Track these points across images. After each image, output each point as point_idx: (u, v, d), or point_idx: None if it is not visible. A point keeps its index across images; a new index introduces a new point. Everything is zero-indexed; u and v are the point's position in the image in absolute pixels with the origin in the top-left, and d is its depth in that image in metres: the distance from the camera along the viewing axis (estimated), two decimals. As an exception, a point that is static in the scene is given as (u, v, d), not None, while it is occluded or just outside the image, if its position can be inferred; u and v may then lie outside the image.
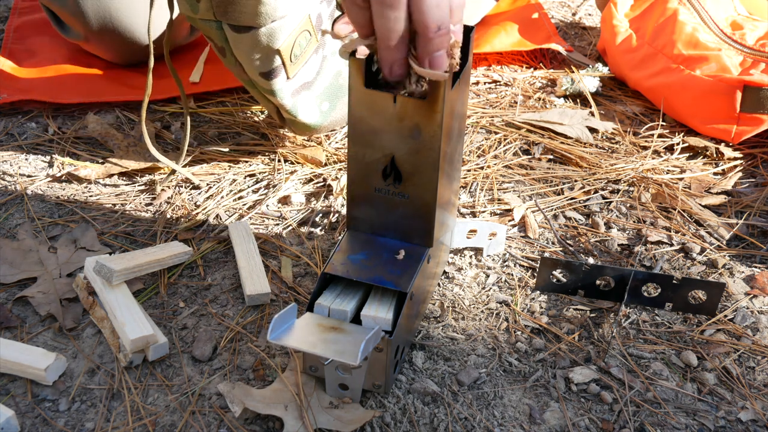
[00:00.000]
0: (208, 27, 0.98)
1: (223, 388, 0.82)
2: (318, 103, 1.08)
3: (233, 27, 0.96)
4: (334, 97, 1.09)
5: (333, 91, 1.09)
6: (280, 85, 1.02)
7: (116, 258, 0.92)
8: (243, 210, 1.08)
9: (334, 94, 1.09)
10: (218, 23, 0.97)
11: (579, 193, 1.13)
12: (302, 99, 1.06)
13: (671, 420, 0.83)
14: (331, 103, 1.09)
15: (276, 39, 0.97)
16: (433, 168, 0.80)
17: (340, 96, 1.10)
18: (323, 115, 1.09)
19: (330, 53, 1.07)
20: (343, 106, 1.11)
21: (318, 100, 1.08)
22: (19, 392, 0.83)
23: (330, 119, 1.11)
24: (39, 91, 1.26)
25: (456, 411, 0.82)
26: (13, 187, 1.11)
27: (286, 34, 0.98)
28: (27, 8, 1.48)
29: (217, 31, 0.98)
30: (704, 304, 0.94)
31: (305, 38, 1.00)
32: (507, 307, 0.95)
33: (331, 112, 1.10)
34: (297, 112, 1.06)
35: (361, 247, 0.85)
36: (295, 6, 0.97)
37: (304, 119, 1.07)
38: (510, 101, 1.33)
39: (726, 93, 1.20)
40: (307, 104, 1.06)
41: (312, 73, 1.05)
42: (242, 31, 0.96)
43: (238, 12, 0.94)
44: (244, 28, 0.96)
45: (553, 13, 1.62)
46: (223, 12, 0.95)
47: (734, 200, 1.13)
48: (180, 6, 0.98)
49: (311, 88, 1.06)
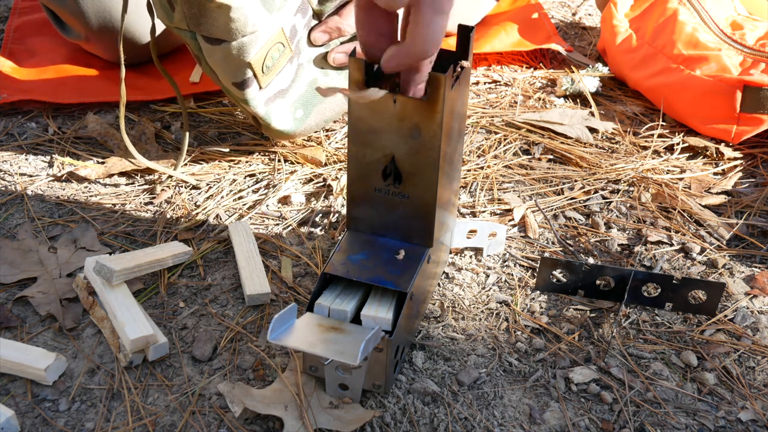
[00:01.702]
0: (183, 35, 0.99)
1: (223, 388, 0.82)
2: (292, 110, 1.09)
3: (206, 38, 0.97)
4: (309, 105, 1.10)
5: (308, 99, 1.10)
6: (253, 95, 1.03)
7: (116, 258, 0.92)
8: (243, 210, 1.08)
9: (309, 102, 1.10)
10: (192, 33, 0.98)
11: (579, 193, 1.13)
12: (276, 107, 1.07)
13: (671, 420, 0.83)
14: (305, 110, 1.10)
15: (247, 53, 0.98)
16: (433, 168, 0.80)
17: (315, 103, 1.11)
18: (297, 122, 1.10)
19: (306, 61, 1.08)
20: (318, 113, 1.12)
21: (292, 108, 1.09)
22: (19, 392, 0.83)
23: (304, 126, 1.11)
24: (39, 91, 1.26)
25: (456, 411, 0.82)
26: (13, 187, 1.11)
27: (257, 48, 0.98)
28: (27, 8, 1.48)
29: (191, 40, 0.99)
30: (704, 304, 0.94)
31: (278, 50, 1.02)
32: (507, 307, 0.95)
33: (306, 119, 1.11)
34: (270, 119, 1.07)
35: (361, 247, 0.85)
36: (266, 21, 0.98)
37: (277, 126, 1.08)
38: (510, 101, 1.33)
39: (726, 93, 1.20)
40: (281, 111, 1.08)
41: (287, 81, 1.06)
42: (214, 43, 0.97)
43: (209, 25, 0.95)
44: (216, 40, 0.97)
45: (553, 13, 1.62)
46: (196, 23, 0.96)
47: (734, 200, 1.13)
48: (157, 12, 0.99)
49: (285, 95, 1.07)
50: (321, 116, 1.13)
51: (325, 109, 1.12)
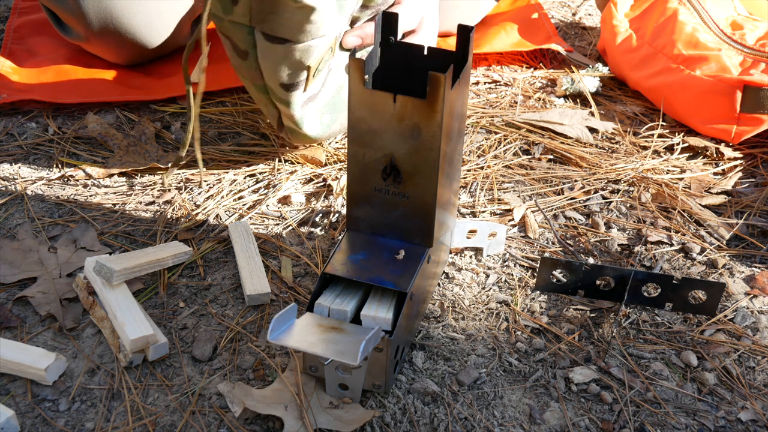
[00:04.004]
0: (235, 29, 0.95)
1: (223, 388, 0.82)
2: (320, 115, 1.06)
3: (267, 36, 0.93)
4: (335, 110, 1.08)
5: (334, 104, 1.08)
6: (297, 98, 1.01)
7: (116, 258, 0.92)
8: (243, 210, 1.08)
9: (336, 107, 1.08)
10: (250, 29, 0.94)
11: (579, 193, 1.13)
12: (308, 110, 1.04)
13: (671, 420, 0.83)
14: (332, 116, 1.08)
15: (310, 56, 0.95)
16: (433, 168, 0.80)
17: (341, 109, 1.09)
18: (324, 127, 1.08)
19: (335, 66, 1.05)
20: (342, 120, 1.10)
21: (320, 113, 1.06)
22: (19, 392, 0.83)
23: (330, 131, 1.10)
24: (39, 91, 1.26)
25: (456, 411, 0.82)
26: (13, 187, 1.11)
27: (320, 53, 0.96)
28: (27, 8, 1.48)
29: (246, 35, 0.95)
30: (704, 304, 0.94)
31: (328, 55, 0.99)
32: (507, 307, 0.95)
33: (332, 125, 1.09)
34: (303, 123, 1.04)
35: (361, 247, 0.85)
36: (333, 25, 0.95)
37: (307, 131, 1.06)
38: (510, 101, 1.33)
39: (726, 93, 1.20)
40: (312, 116, 1.05)
41: (318, 86, 1.04)
42: (276, 42, 0.93)
43: (278, 24, 0.91)
44: (280, 39, 0.93)
45: (553, 13, 1.62)
46: (261, 20, 0.92)
47: (734, 200, 1.13)
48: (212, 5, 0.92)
49: (315, 99, 1.05)
50: (345, 123, 1.10)
51: None
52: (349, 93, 0.79)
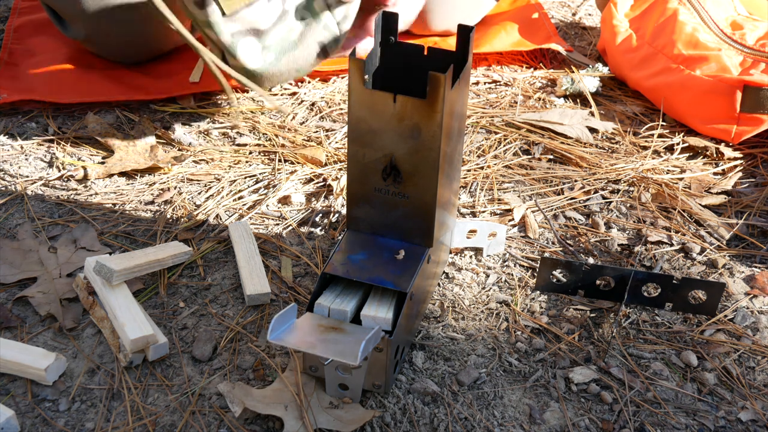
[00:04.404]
0: None
1: (223, 388, 0.82)
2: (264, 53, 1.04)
3: None
4: (281, 52, 1.05)
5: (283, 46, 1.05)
6: (216, 18, 0.98)
7: (116, 258, 0.92)
8: (243, 210, 1.08)
9: (282, 50, 1.05)
10: None
11: (579, 193, 1.13)
12: (245, 42, 1.02)
13: (671, 420, 0.83)
14: (277, 56, 1.05)
15: None
16: (433, 168, 0.80)
17: (287, 51, 1.05)
18: (266, 64, 1.05)
19: (291, 8, 1.02)
20: (288, 61, 1.06)
21: (264, 51, 1.04)
22: (19, 392, 0.83)
23: (273, 70, 1.06)
24: (39, 91, 1.26)
25: (456, 411, 0.82)
26: (13, 187, 1.11)
27: None
28: (27, 8, 1.48)
29: None
30: (704, 304, 0.94)
31: None
32: (507, 307, 0.95)
33: (276, 63, 1.06)
34: (236, 51, 1.02)
35: (361, 247, 0.85)
36: None
37: (244, 60, 1.03)
38: (510, 101, 1.33)
39: (726, 93, 1.20)
40: (250, 48, 1.02)
41: (266, 22, 1.01)
42: None
43: None
44: None
45: (553, 13, 1.62)
46: None
47: (734, 200, 1.13)
48: None
49: (262, 37, 1.02)
50: (293, 64, 1.07)
51: (297, 57, 1.07)
52: (349, 93, 0.79)
